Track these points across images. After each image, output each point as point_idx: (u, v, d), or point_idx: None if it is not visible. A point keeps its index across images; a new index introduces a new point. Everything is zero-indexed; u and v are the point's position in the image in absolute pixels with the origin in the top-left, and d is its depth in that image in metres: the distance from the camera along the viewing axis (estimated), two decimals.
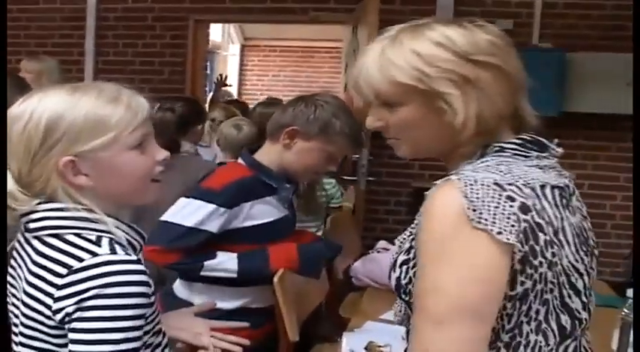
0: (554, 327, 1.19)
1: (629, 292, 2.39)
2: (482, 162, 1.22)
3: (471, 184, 1.12)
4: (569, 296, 1.20)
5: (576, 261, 1.20)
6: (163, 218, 2.11)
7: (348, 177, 4.55)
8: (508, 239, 1.09)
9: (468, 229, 1.08)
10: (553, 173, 1.23)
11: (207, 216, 2.08)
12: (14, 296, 1.34)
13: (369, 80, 1.25)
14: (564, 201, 1.21)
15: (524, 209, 1.12)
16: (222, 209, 2.10)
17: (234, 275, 2.13)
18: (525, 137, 1.26)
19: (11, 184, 1.26)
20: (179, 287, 2.28)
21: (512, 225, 1.10)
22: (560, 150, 1.29)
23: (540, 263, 1.13)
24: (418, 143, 1.28)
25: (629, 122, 4.75)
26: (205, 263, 2.10)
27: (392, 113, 1.26)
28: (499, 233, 1.08)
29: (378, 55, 1.23)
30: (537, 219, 1.13)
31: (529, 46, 4.96)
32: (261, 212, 2.19)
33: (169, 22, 5.75)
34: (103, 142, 1.26)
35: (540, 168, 1.22)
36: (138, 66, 5.83)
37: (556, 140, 1.31)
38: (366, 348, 2.26)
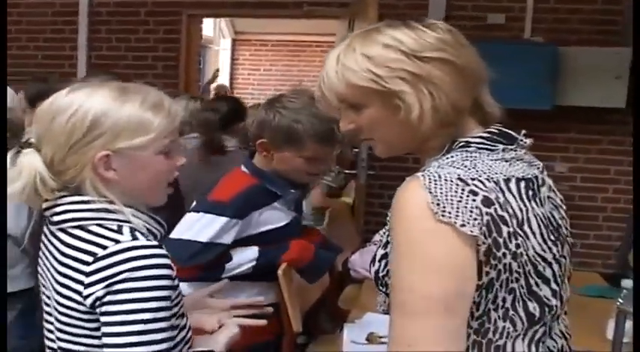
0: (522, 314, 1.23)
1: (624, 282, 2.44)
2: (448, 158, 1.26)
3: (435, 180, 1.16)
4: (537, 285, 1.24)
5: (543, 250, 1.23)
6: (175, 236, 2.09)
7: (349, 171, 4.56)
8: (472, 231, 1.12)
9: (432, 223, 1.12)
10: (521, 165, 1.28)
11: (221, 229, 2.08)
12: (44, 286, 1.41)
13: (330, 86, 1.31)
14: (530, 192, 1.24)
15: (487, 202, 1.16)
16: (234, 220, 2.10)
17: (254, 262, 2.15)
18: (492, 130, 1.30)
19: (42, 167, 1.32)
20: (184, 285, 2.27)
21: (475, 219, 1.13)
22: (528, 141, 1.33)
23: (504, 254, 1.17)
24: (389, 141, 1.33)
25: (620, 115, 4.80)
26: (226, 266, 2.12)
27: (359, 115, 1.31)
28: (462, 225, 1.12)
29: (335, 62, 1.29)
30: (500, 212, 1.17)
31: (521, 41, 5.00)
32: (270, 218, 2.20)
33: (162, 17, 5.75)
34: (141, 143, 1.34)
35: (506, 161, 1.26)
36: (131, 61, 5.82)
37: (523, 131, 1.34)
38: (367, 339, 2.29)
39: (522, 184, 1.24)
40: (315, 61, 10.16)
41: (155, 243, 1.33)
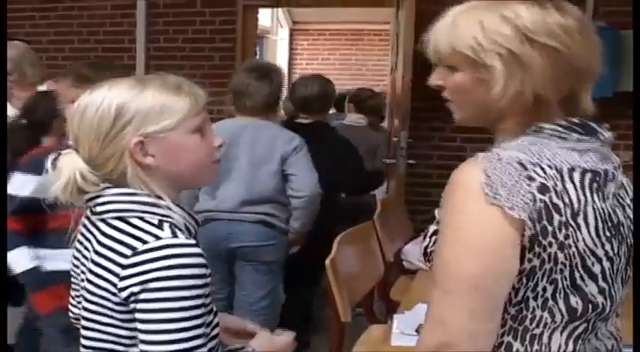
0: (562, 307, 1.21)
1: None
2: (517, 141, 1.24)
3: (494, 162, 1.17)
4: (582, 279, 1.21)
5: (595, 245, 1.20)
6: None
7: (388, 161, 4.57)
8: (520, 215, 1.13)
9: (482, 204, 1.14)
10: (593, 157, 1.25)
11: None
12: (77, 275, 1.45)
13: (435, 43, 1.30)
14: (595, 185, 1.22)
15: (543, 189, 1.16)
16: None
17: None
18: (573, 120, 1.26)
19: (82, 164, 1.36)
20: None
21: (527, 203, 1.14)
22: (608, 134, 1.29)
23: (550, 243, 1.16)
24: (464, 108, 1.33)
25: None
26: None
27: (450, 76, 1.30)
28: (511, 208, 1.13)
29: (450, 21, 1.28)
30: (555, 200, 1.16)
31: None
32: None
33: (218, 8, 5.76)
34: (170, 124, 1.38)
35: (577, 151, 1.23)
36: (188, 52, 5.85)
37: (607, 125, 1.30)
38: (417, 331, 2.26)
39: (588, 176, 1.22)
40: (372, 50, 10.12)
41: (193, 241, 1.36)
